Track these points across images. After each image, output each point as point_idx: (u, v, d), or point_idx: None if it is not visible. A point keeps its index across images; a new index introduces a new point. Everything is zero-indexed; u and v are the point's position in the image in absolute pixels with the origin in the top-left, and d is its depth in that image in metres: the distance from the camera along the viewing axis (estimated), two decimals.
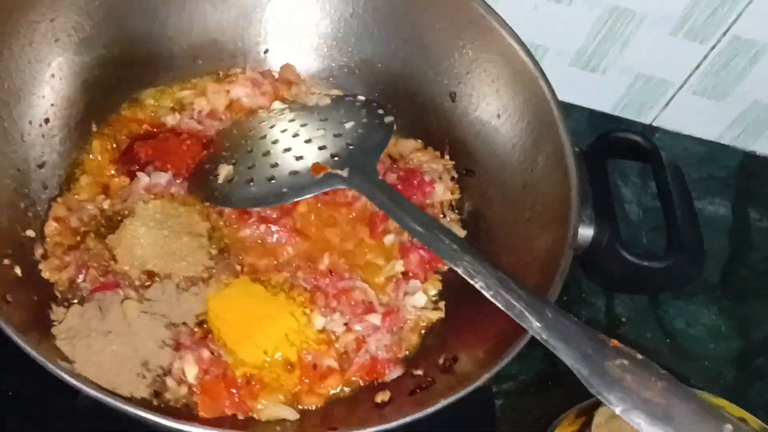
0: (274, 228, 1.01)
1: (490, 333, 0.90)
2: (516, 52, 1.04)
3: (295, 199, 0.94)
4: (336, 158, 0.96)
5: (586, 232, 0.95)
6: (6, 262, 0.83)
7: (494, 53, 1.07)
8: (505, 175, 1.07)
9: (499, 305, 0.81)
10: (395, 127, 1.06)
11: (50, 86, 0.97)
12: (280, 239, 1.01)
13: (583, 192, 0.95)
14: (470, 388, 0.80)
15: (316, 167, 0.95)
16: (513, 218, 1.03)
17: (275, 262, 1.00)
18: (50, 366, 0.71)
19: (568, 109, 1.08)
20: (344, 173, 0.94)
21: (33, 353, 0.71)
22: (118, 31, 1.03)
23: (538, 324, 0.78)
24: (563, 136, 0.97)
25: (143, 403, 0.81)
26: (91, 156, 1.02)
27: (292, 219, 1.02)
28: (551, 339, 0.77)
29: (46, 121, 0.97)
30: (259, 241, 1.01)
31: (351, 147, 0.98)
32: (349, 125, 1.02)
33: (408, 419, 0.79)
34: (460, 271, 0.84)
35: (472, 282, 0.84)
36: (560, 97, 1.00)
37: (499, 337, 0.87)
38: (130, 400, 0.78)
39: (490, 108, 1.10)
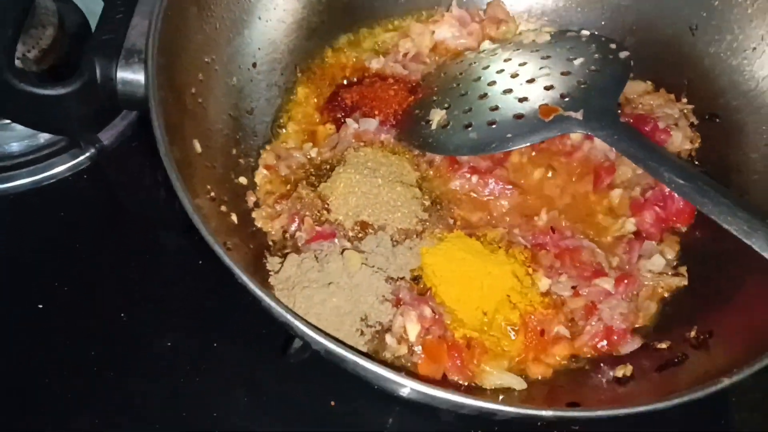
0: (486, 179, 0.91)
1: (758, 308, 0.75)
2: None
3: (523, 145, 0.83)
4: (567, 99, 0.84)
5: None
6: (223, 209, 0.80)
7: None
8: (762, 124, 0.90)
9: None
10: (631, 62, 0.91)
11: (257, 29, 0.93)
12: (493, 192, 0.91)
13: None
14: (748, 371, 0.66)
15: (545, 109, 0.83)
16: None
17: (489, 217, 0.91)
18: (279, 310, 0.66)
19: None
20: (579, 115, 0.82)
21: (261, 295, 0.66)
22: None
23: None
24: None
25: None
26: (297, 103, 0.97)
27: (505, 170, 0.92)
28: None
29: (254, 65, 0.93)
30: (472, 194, 0.91)
31: (584, 86, 0.85)
32: (578, 62, 0.89)
33: (663, 405, 0.66)
34: (732, 229, 0.70)
35: (748, 242, 0.69)
36: None
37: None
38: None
39: (741, 40, 0.92)
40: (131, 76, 0.74)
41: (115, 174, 0.97)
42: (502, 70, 0.92)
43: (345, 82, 1.00)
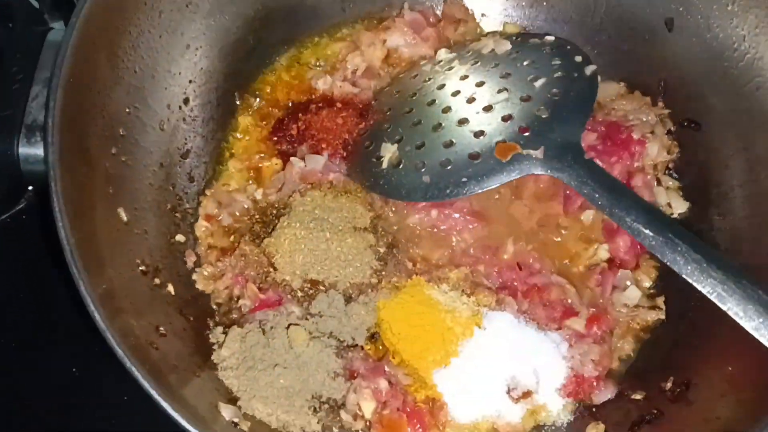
0: (448, 213, 0.84)
1: (742, 356, 0.70)
2: None
3: (478, 191, 0.76)
4: (526, 133, 0.76)
5: None
6: (156, 281, 0.74)
7: None
8: (747, 129, 0.82)
9: (766, 341, 0.61)
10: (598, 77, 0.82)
11: (186, 60, 0.84)
12: (455, 225, 0.84)
13: None
14: None
15: (502, 147, 0.75)
16: (759, 191, 0.79)
17: (450, 253, 0.84)
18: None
19: None
20: (539, 154, 0.74)
21: (179, 420, 0.60)
22: None
23: None
24: None
25: None
26: (238, 135, 0.89)
27: (467, 200, 0.85)
28: None
29: (185, 101, 0.84)
30: (431, 229, 0.85)
31: (545, 116, 0.77)
32: (539, 83, 0.80)
33: None
34: (706, 291, 0.64)
35: (724, 308, 0.63)
36: None
37: (759, 365, 0.67)
38: None
39: (723, 37, 0.83)
40: (35, 153, 0.66)
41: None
42: (457, 92, 0.83)
43: (290, 105, 0.91)
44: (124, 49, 0.75)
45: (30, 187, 0.72)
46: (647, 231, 0.67)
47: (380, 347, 0.77)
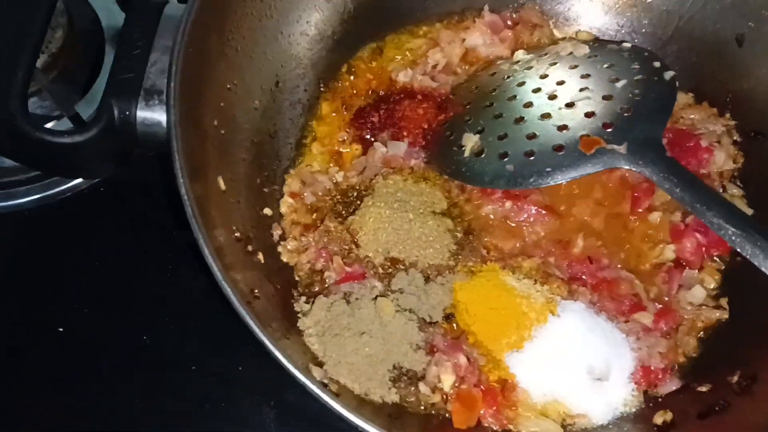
0: (521, 205, 0.87)
1: None
2: None
3: (563, 180, 0.79)
4: (609, 129, 0.79)
5: None
6: (249, 248, 0.77)
7: None
8: None
9: None
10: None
11: (279, 45, 0.88)
12: (528, 218, 0.87)
13: None
14: None
15: (587, 141, 0.79)
16: None
17: (522, 244, 0.87)
18: (306, 382, 0.64)
19: None
20: (622, 149, 0.77)
21: (287, 364, 0.64)
22: None
23: None
24: None
25: (394, 409, 0.74)
26: (321, 121, 0.93)
27: (540, 194, 0.88)
28: None
29: (276, 84, 0.88)
30: (504, 220, 0.88)
31: (627, 114, 0.80)
32: (620, 84, 0.83)
33: None
34: None
35: None
36: None
37: None
38: (380, 410, 0.71)
39: None
40: (152, 116, 0.70)
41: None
42: (538, 89, 0.87)
43: (372, 94, 0.95)
44: (230, 27, 0.80)
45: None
46: (728, 225, 0.70)
47: (455, 327, 0.80)
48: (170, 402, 0.84)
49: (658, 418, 0.76)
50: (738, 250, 0.70)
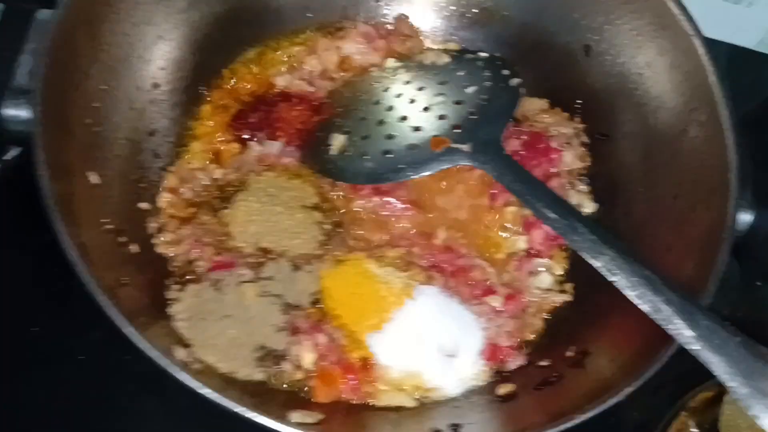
0: (388, 200, 0.94)
1: (628, 329, 0.82)
2: (663, 2, 0.90)
3: (414, 176, 0.87)
4: (457, 130, 0.88)
5: (744, 217, 0.83)
6: (121, 239, 0.82)
7: (637, 1, 0.93)
8: (648, 142, 0.95)
9: (644, 308, 0.73)
10: (522, 89, 0.95)
11: (158, 49, 0.93)
12: (395, 212, 0.95)
13: (743, 168, 0.82)
14: (608, 404, 0.72)
15: (436, 141, 0.87)
16: (656, 194, 0.92)
17: (389, 236, 0.94)
18: (166, 362, 0.69)
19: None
20: (467, 148, 0.86)
21: (146, 347, 0.69)
22: None
23: (691, 333, 0.69)
24: (721, 104, 0.85)
25: (259, 387, 0.79)
26: (201, 121, 0.97)
27: (406, 190, 0.95)
28: (704, 351, 0.68)
29: (155, 86, 0.93)
30: (372, 215, 0.95)
31: (474, 117, 0.89)
32: (471, 90, 0.92)
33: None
34: (597, 266, 0.76)
35: (611, 279, 0.75)
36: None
37: (639, 336, 0.79)
38: (245, 389, 0.76)
39: (630, 65, 0.97)
40: (17, 114, 0.74)
41: None
42: (400, 94, 0.95)
43: (251, 97, 1.00)
44: (103, 32, 0.84)
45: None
46: (553, 215, 0.79)
47: (321, 311, 0.86)
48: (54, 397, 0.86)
49: (501, 390, 0.84)
50: (561, 237, 0.79)
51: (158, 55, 0.93)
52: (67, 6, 0.75)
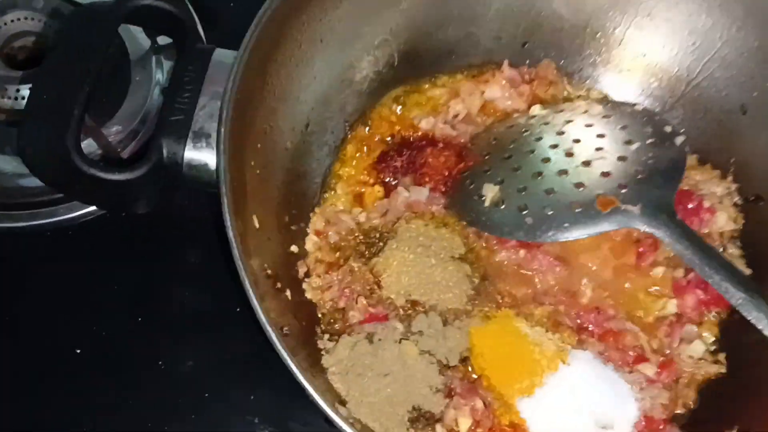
0: (534, 254, 0.91)
1: None
2: None
3: (580, 236, 0.83)
4: (624, 190, 0.84)
5: None
6: (278, 285, 0.80)
7: None
8: None
9: None
10: (687, 148, 0.91)
11: (311, 89, 0.92)
12: (541, 267, 0.91)
13: None
14: None
15: (603, 200, 0.83)
16: None
17: (533, 292, 0.91)
18: (330, 413, 0.67)
19: None
20: (637, 210, 0.82)
21: (316, 398, 0.67)
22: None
23: None
24: None
25: None
26: (345, 163, 0.96)
27: (551, 245, 0.92)
28: None
29: (306, 126, 0.92)
30: (517, 267, 0.92)
31: (641, 176, 0.85)
32: (634, 147, 0.88)
33: None
34: None
35: None
36: None
37: None
38: None
39: None
40: (199, 158, 0.73)
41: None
42: (555, 145, 0.92)
43: (391, 139, 0.99)
44: (270, 73, 0.83)
45: None
46: (735, 290, 0.75)
47: (470, 370, 0.83)
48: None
49: None
50: (743, 314, 0.75)
51: (310, 95, 0.92)
52: (248, 49, 0.74)
